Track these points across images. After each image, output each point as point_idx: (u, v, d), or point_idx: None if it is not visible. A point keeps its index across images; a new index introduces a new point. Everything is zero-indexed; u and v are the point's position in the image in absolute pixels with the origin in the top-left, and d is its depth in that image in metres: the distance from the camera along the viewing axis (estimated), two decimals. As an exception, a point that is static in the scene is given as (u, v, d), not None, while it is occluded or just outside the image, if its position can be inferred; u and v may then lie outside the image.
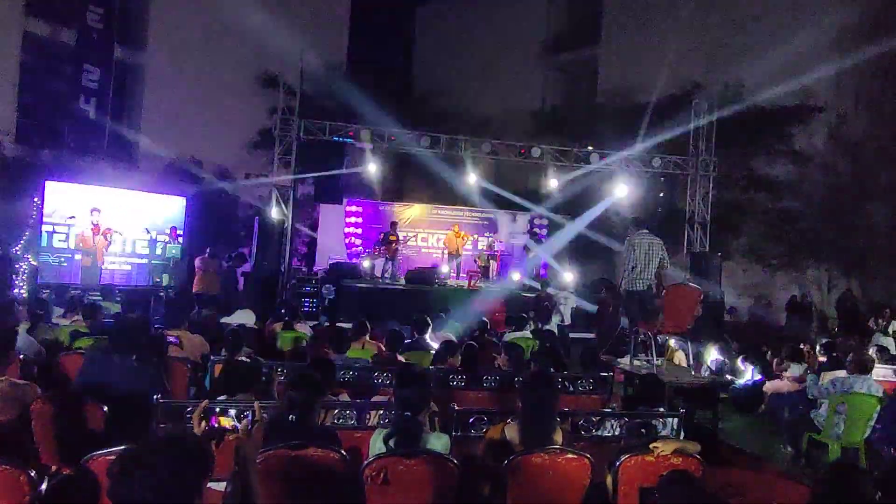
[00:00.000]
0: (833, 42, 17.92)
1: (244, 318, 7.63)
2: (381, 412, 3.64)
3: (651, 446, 3.05)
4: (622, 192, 13.62)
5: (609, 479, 3.09)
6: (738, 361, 7.74)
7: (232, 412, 2.02)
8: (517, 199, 16.69)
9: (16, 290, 10.56)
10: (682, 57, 19.16)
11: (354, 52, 22.42)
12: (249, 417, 1.97)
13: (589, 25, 24.42)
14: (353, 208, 16.04)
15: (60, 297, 8.48)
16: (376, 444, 2.98)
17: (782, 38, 17.98)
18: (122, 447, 2.50)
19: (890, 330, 9.08)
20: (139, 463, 1.52)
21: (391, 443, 2.88)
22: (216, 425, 1.91)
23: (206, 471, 1.62)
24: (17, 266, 10.82)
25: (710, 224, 13.55)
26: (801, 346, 8.40)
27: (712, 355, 7.64)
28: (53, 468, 3.61)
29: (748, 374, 7.09)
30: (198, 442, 1.67)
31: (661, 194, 13.40)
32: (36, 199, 11.16)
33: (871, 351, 6.89)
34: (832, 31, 17.86)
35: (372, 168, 12.98)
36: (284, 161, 12.06)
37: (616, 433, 3.84)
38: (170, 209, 12.30)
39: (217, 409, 2.01)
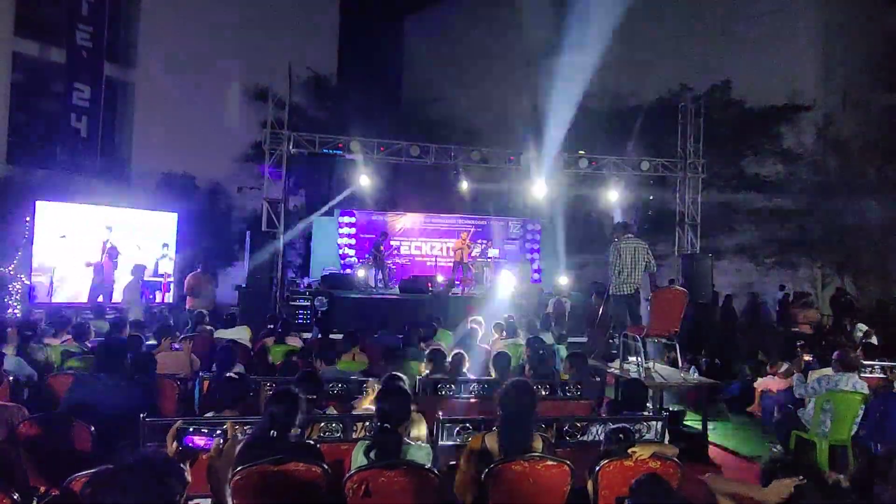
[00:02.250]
0: (819, 41, 18.10)
1: (239, 334, 7.66)
2: (368, 424, 3.68)
3: (629, 451, 3.09)
4: (612, 196, 13.71)
5: (590, 485, 3.13)
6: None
7: (205, 431, 2.06)
8: (509, 205, 16.80)
9: (9, 311, 10.58)
10: (670, 59, 19.32)
11: (344, 64, 22.54)
12: (221, 436, 2.00)
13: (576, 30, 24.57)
14: (346, 219, 16.09)
15: (53, 317, 8.51)
16: (358, 457, 3.02)
17: (769, 38, 18.16)
18: (101, 468, 2.54)
19: (855, 335, 9.07)
20: (111, 485, 1.55)
21: (372, 455, 2.92)
22: (189, 445, 1.95)
23: (178, 491, 1.66)
24: (10, 287, 10.85)
25: (701, 225, 13.62)
26: (797, 344, 8.45)
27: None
28: (42, 489, 3.63)
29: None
30: (170, 462, 1.71)
31: (651, 197, 13.47)
32: (28, 219, 11.19)
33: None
34: (818, 29, 18.05)
35: (363, 179, 13.04)
36: (275, 174, 12.11)
37: (601, 438, 3.88)
38: (162, 225, 12.33)
39: (191, 429, 2.05)
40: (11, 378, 4.74)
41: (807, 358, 6.39)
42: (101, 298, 10.76)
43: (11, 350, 5.26)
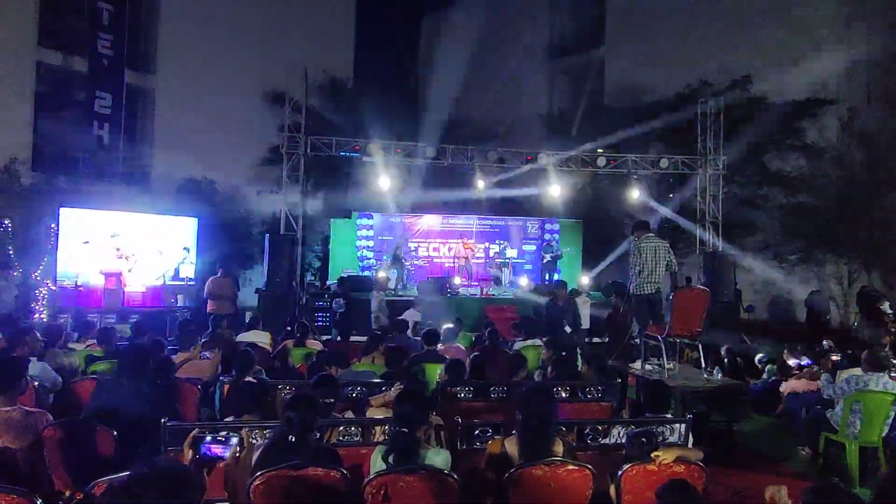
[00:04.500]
0: (843, 32, 17.72)
1: (258, 338, 7.69)
2: (386, 428, 3.66)
3: (653, 455, 3.03)
4: (632, 194, 13.57)
5: (612, 489, 3.07)
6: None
7: (222, 439, 2.05)
8: (527, 205, 16.72)
9: (36, 316, 10.77)
10: (688, 55, 19.07)
11: (360, 66, 22.62)
12: (238, 444, 2.00)
13: (593, 28, 24.43)
14: (364, 221, 16.13)
15: (78, 322, 8.64)
16: (377, 462, 3.00)
17: (790, 31, 17.84)
18: (122, 474, 2.55)
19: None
20: (126, 496, 1.54)
21: (390, 459, 2.90)
22: (207, 453, 1.94)
23: (193, 500, 1.64)
24: (36, 292, 11.05)
25: (723, 222, 13.42)
26: (825, 343, 8.28)
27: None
28: (67, 494, 3.68)
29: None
30: (183, 472, 1.70)
31: (671, 195, 13.31)
32: (52, 225, 11.39)
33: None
34: (840, 20, 17.69)
35: (380, 181, 13.07)
36: (294, 177, 12.20)
37: (623, 441, 3.82)
38: (182, 230, 12.47)
39: (207, 437, 2.04)
40: (36, 383, 4.80)
41: (835, 357, 6.25)
42: (114, 303, 10.90)
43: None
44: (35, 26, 16.08)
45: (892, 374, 5.32)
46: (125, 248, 11.28)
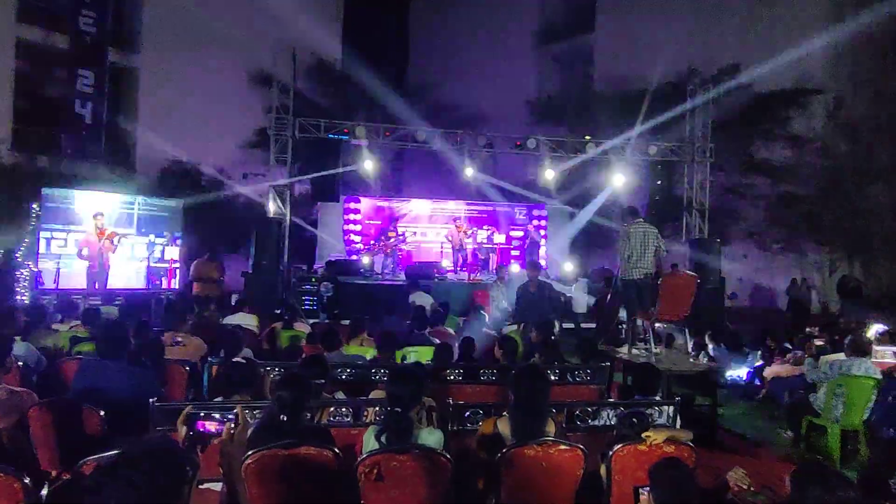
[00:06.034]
0: (829, 23, 17.80)
1: (245, 320, 7.65)
2: (377, 409, 3.66)
3: (643, 435, 3.06)
4: (619, 180, 13.60)
5: (602, 469, 3.10)
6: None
7: (216, 416, 2.03)
8: (516, 191, 16.70)
9: (18, 297, 10.61)
10: (677, 42, 19.05)
11: (348, 48, 22.32)
12: (233, 421, 1.98)
13: (583, 13, 24.33)
14: (352, 205, 16.04)
15: (62, 303, 8.53)
16: (369, 441, 3.00)
17: (777, 19, 17.89)
18: (111, 452, 2.52)
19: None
20: (114, 476, 1.49)
21: (383, 439, 2.90)
22: (201, 430, 1.92)
23: (185, 478, 1.61)
24: (18, 273, 10.86)
25: (709, 210, 13.52)
26: (808, 330, 8.42)
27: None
28: (53, 474, 3.64)
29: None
30: (176, 449, 1.66)
31: (659, 182, 13.35)
32: (34, 206, 11.18)
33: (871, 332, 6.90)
34: (828, 10, 17.77)
35: (369, 164, 12.98)
36: (281, 160, 12.08)
37: (612, 423, 3.86)
38: (167, 212, 12.30)
39: (201, 414, 2.02)
40: (20, 363, 4.74)
41: (818, 343, 6.35)
42: (97, 285, 10.76)
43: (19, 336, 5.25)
44: (15, 1, 15.67)
45: (874, 360, 5.42)
46: (108, 228, 11.09)
